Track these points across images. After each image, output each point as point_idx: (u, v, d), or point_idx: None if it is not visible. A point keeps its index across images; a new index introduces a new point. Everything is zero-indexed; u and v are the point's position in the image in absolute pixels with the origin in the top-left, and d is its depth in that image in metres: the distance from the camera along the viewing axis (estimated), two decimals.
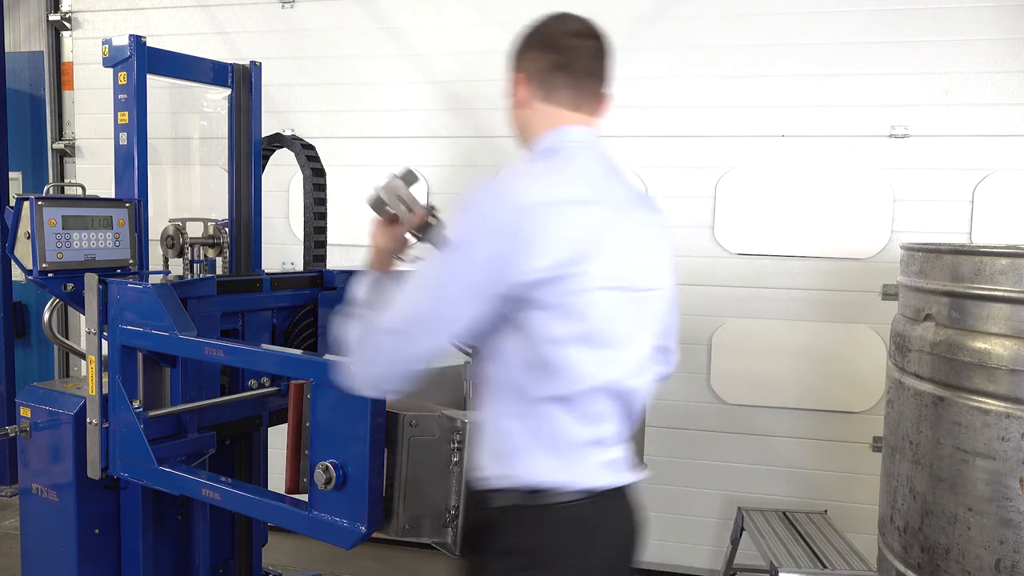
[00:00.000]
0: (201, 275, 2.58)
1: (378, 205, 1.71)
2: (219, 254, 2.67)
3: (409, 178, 1.72)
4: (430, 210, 1.72)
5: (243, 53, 4.18)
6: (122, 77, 2.42)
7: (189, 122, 4.51)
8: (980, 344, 2.14)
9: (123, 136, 2.44)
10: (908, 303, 2.49)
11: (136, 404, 2.21)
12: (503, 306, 1.43)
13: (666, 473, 3.91)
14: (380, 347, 1.46)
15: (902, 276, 2.56)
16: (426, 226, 1.71)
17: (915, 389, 2.35)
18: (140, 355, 2.26)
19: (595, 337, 1.48)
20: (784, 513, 3.54)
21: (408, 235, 1.72)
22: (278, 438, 1.90)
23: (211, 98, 4.43)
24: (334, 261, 3.29)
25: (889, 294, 3.63)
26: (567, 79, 1.58)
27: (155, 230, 2.58)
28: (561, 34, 1.58)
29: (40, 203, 2.51)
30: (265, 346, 2.45)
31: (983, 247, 2.29)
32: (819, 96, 3.68)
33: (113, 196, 2.67)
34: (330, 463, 1.89)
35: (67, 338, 4.77)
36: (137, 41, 2.40)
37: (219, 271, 2.70)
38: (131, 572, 2.66)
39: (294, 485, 1.97)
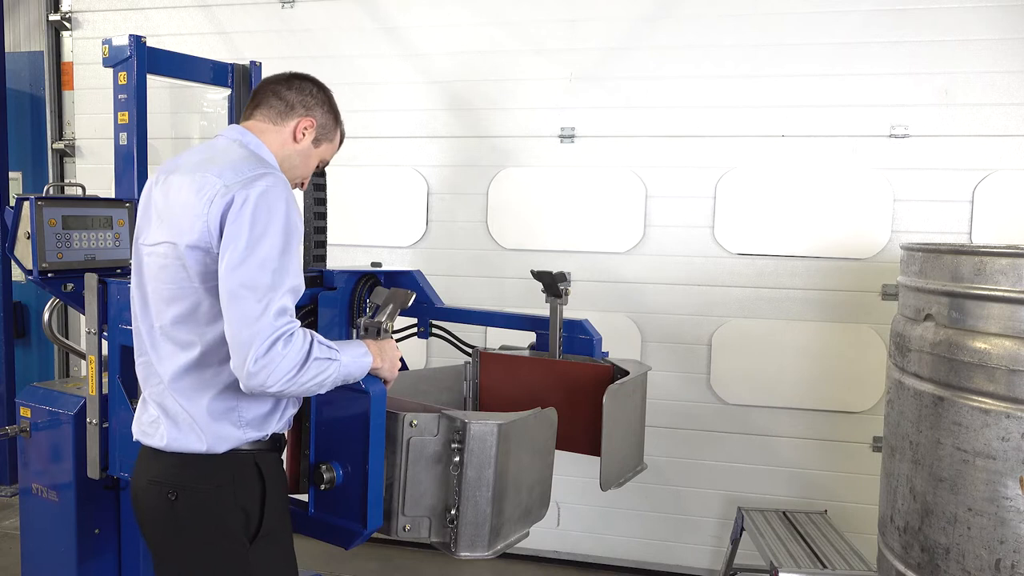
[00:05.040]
0: None
1: (379, 297, 2.10)
2: None
3: (406, 304, 2.06)
4: (387, 326, 2.00)
5: (243, 53, 4.17)
6: (122, 77, 2.42)
7: (189, 122, 4.51)
8: (980, 344, 2.14)
9: (123, 136, 2.45)
10: (908, 303, 2.49)
11: (136, 404, 2.21)
12: None
13: (666, 473, 3.91)
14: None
15: (902, 276, 2.55)
16: (378, 330, 1.98)
17: (915, 389, 2.35)
18: None
19: None
20: (784, 513, 3.54)
21: (364, 322, 2.02)
22: None
23: (211, 98, 4.43)
24: (334, 261, 3.29)
25: (889, 294, 3.63)
26: None
27: None
28: None
29: (40, 203, 2.51)
30: None
31: (983, 247, 2.28)
32: (819, 96, 3.68)
33: (113, 196, 2.67)
34: (330, 463, 1.89)
35: (67, 338, 4.77)
36: (137, 41, 2.40)
37: None
38: (131, 572, 2.66)
39: (294, 485, 1.97)
